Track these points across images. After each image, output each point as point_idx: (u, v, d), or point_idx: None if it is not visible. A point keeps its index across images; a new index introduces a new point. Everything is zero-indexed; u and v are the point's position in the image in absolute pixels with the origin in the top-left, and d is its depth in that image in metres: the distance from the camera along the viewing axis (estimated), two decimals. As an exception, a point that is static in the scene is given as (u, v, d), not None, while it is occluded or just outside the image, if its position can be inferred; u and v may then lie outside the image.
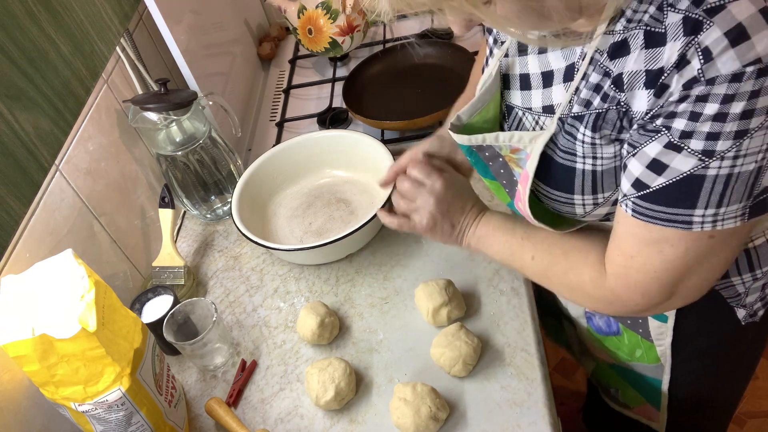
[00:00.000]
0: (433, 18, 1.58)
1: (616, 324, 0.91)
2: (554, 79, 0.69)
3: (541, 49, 0.70)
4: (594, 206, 0.70)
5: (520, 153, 0.73)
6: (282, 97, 1.50)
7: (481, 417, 0.83)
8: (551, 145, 0.69)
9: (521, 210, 0.77)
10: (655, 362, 0.90)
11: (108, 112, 1.10)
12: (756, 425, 1.65)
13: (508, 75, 0.76)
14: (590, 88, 0.63)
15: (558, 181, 0.70)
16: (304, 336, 0.95)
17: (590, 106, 0.63)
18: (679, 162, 0.56)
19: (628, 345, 0.92)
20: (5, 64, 0.61)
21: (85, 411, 0.76)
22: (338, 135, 1.21)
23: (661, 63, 0.55)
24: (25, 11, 0.65)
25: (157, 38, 1.24)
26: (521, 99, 0.75)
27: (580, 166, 0.67)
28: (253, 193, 1.17)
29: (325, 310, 0.95)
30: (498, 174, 0.79)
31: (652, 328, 0.85)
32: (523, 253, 0.77)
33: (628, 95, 0.59)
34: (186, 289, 1.09)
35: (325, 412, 0.88)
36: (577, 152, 0.66)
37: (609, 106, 0.61)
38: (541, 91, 0.71)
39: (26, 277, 0.76)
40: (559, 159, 0.69)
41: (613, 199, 0.69)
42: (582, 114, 0.64)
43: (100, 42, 0.76)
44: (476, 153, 0.78)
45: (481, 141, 0.75)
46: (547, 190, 0.72)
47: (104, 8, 0.78)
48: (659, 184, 0.58)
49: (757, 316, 0.83)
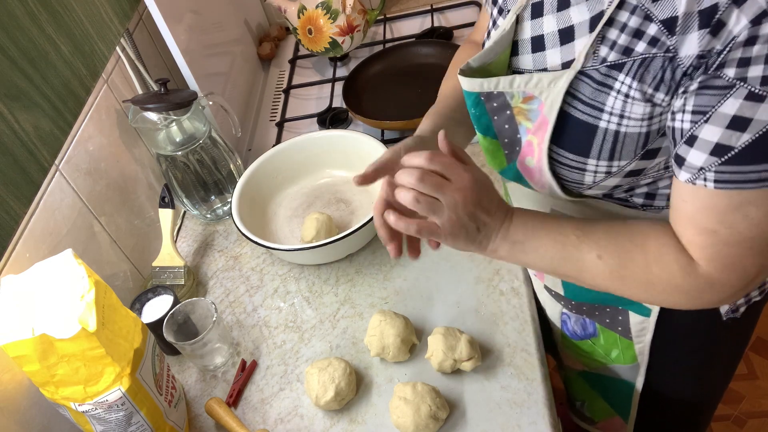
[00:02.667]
0: (433, 18, 1.58)
1: (593, 325, 0.91)
2: (576, 33, 0.65)
3: (561, 6, 0.66)
4: (606, 176, 0.66)
5: (532, 102, 0.68)
6: (282, 97, 1.50)
7: (481, 417, 0.83)
8: (571, 100, 0.65)
9: (528, 168, 0.72)
10: (631, 362, 0.90)
11: (108, 112, 1.10)
12: (756, 425, 1.65)
13: (516, 41, 0.73)
14: (629, 34, 0.59)
15: (573, 142, 0.66)
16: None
17: (632, 52, 0.60)
18: (764, 111, 0.52)
19: (604, 346, 0.91)
20: (5, 64, 0.61)
21: (85, 411, 0.76)
22: (338, 135, 1.21)
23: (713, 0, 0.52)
24: (25, 11, 0.65)
25: (157, 38, 1.24)
26: (533, 61, 0.71)
27: (604, 123, 0.63)
28: (253, 193, 1.17)
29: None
30: (501, 130, 0.74)
31: (633, 324, 0.84)
32: (582, 254, 0.67)
33: (679, 39, 0.55)
34: (186, 289, 1.09)
35: (325, 412, 0.88)
36: (606, 106, 0.63)
37: (657, 52, 0.58)
38: (560, 49, 0.68)
39: (26, 277, 0.76)
40: (579, 114, 0.65)
41: (627, 170, 0.66)
42: (622, 61, 0.61)
43: (100, 42, 0.76)
44: (483, 104, 0.73)
45: (495, 86, 0.70)
46: (558, 151, 0.68)
47: (104, 8, 0.78)
48: (745, 141, 0.54)
49: (739, 312, 0.82)
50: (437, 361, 0.86)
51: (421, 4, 1.66)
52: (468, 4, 1.60)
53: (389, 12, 1.67)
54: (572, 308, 0.93)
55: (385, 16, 1.65)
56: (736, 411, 1.68)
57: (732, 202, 0.57)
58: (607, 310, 0.88)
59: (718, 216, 0.59)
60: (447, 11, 1.61)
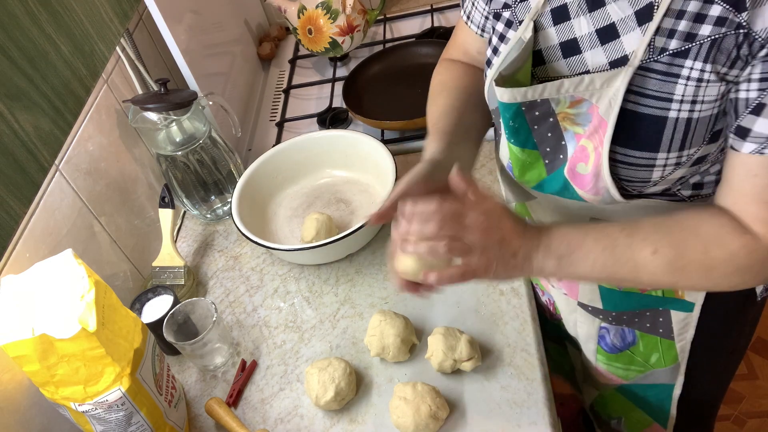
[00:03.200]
0: (433, 18, 1.58)
1: (632, 333, 0.90)
2: (620, 29, 0.64)
3: (593, 7, 0.65)
4: (675, 167, 0.65)
5: (581, 106, 0.67)
6: (282, 97, 1.50)
7: (481, 417, 0.83)
8: (632, 96, 0.63)
9: (579, 175, 0.70)
10: (672, 363, 0.90)
11: (108, 112, 1.10)
12: (756, 425, 1.65)
13: (539, 50, 0.71)
14: (690, 19, 0.59)
15: (640, 138, 0.64)
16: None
17: (695, 38, 0.59)
18: None
19: (644, 353, 0.91)
20: (5, 64, 0.61)
21: (85, 411, 0.76)
22: (338, 135, 1.21)
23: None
24: (25, 11, 0.65)
25: (157, 38, 1.24)
26: (568, 66, 0.69)
27: (674, 114, 0.62)
28: (253, 193, 1.17)
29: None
30: (542, 140, 0.72)
31: (675, 322, 0.84)
32: (634, 253, 0.64)
33: (751, 14, 0.55)
34: (186, 289, 1.09)
35: (325, 412, 0.88)
36: (675, 96, 0.61)
37: (726, 31, 0.57)
38: (601, 49, 0.66)
39: (26, 277, 0.76)
40: (644, 110, 0.63)
41: (695, 158, 0.65)
42: (686, 48, 0.60)
43: (100, 42, 0.76)
44: (523, 114, 0.70)
45: (540, 92, 0.67)
46: (623, 151, 0.66)
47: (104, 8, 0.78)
48: None
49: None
50: (437, 361, 0.86)
51: (421, 4, 1.66)
52: (468, 4, 1.60)
53: (389, 12, 1.67)
54: (612, 320, 0.91)
55: (385, 16, 1.65)
56: (736, 411, 1.68)
57: None
58: (647, 314, 0.87)
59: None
60: (447, 11, 1.61)
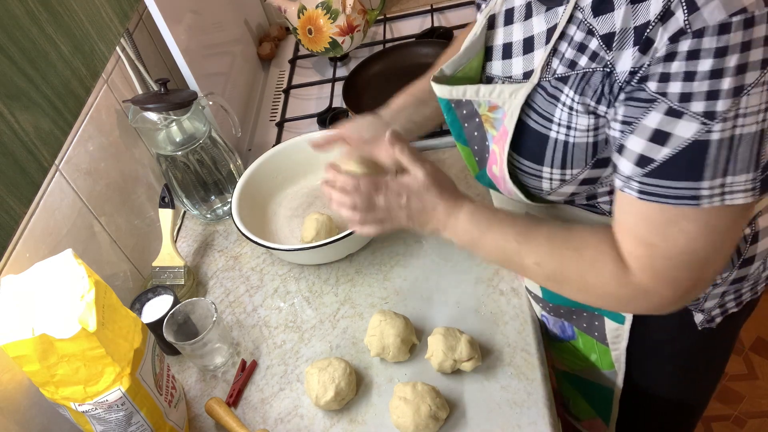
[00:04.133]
0: (433, 18, 1.58)
1: (571, 328, 0.91)
2: (535, 43, 0.68)
3: (527, 15, 0.69)
4: (561, 183, 0.69)
5: (497, 112, 0.71)
6: (282, 97, 1.50)
7: (481, 417, 0.83)
8: (528, 110, 0.67)
9: (495, 175, 0.75)
10: (609, 368, 0.90)
11: (108, 112, 1.10)
12: (756, 425, 1.65)
13: (491, 47, 0.75)
14: (574, 48, 0.61)
15: (530, 150, 0.69)
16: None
17: (576, 66, 0.61)
18: (682, 128, 0.54)
19: (584, 349, 0.92)
20: (5, 64, 0.61)
21: (85, 411, 0.76)
22: (338, 135, 1.21)
23: (647, 16, 0.53)
24: (25, 11, 0.65)
25: (157, 38, 1.24)
26: (502, 68, 0.73)
27: (554, 134, 0.65)
28: (253, 193, 1.17)
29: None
30: (471, 137, 0.77)
31: (609, 330, 0.85)
32: (521, 259, 0.71)
33: (615, 55, 0.57)
34: (186, 289, 1.09)
35: (325, 412, 0.88)
36: (554, 117, 0.65)
37: (596, 66, 0.59)
38: (522, 58, 0.70)
39: (26, 277, 0.76)
40: (533, 124, 0.67)
41: (581, 179, 0.68)
42: (567, 75, 0.62)
43: (100, 42, 0.76)
44: (454, 110, 0.76)
45: (462, 94, 0.73)
46: (517, 159, 0.71)
47: (104, 8, 0.78)
48: (665, 155, 0.56)
49: (714, 322, 0.82)
50: (437, 361, 0.86)
51: (421, 4, 1.66)
52: (468, 4, 1.60)
53: (389, 12, 1.67)
54: (550, 310, 0.93)
55: (385, 16, 1.65)
56: (736, 411, 1.68)
57: (666, 216, 0.59)
58: (584, 315, 0.88)
59: (656, 228, 0.60)
60: (447, 11, 1.61)
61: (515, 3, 0.71)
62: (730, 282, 0.77)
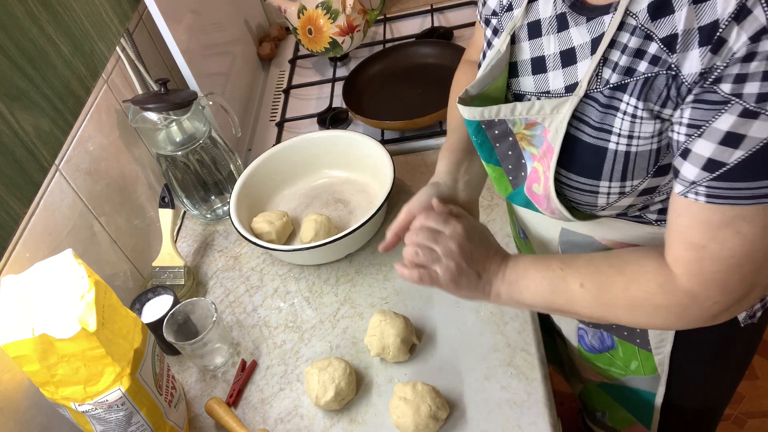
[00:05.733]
0: (433, 18, 1.58)
1: (611, 338, 0.90)
2: (578, 55, 0.65)
3: (561, 27, 0.66)
4: (619, 196, 0.66)
5: (535, 128, 0.68)
6: (282, 97, 1.50)
7: (481, 417, 0.83)
8: (578, 124, 0.65)
9: (535, 194, 0.72)
10: (651, 373, 0.89)
11: (108, 112, 1.10)
12: (756, 425, 1.65)
13: (515, 63, 0.73)
14: (630, 54, 0.59)
15: (584, 165, 0.66)
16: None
17: (634, 72, 0.59)
18: (758, 129, 0.52)
19: (623, 358, 0.91)
20: (5, 64, 0.61)
21: (85, 411, 0.76)
22: (336, 135, 1.21)
23: (714, 15, 0.51)
24: (25, 11, 0.65)
25: (157, 38, 1.24)
26: (534, 84, 0.71)
27: (613, 146, 0.63)
28: (252, 194, 1.17)
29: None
30: (504, 157, 0.74)
31: (652, 335, 0.84)
32: (567, 285, 0.68)
33: (680, 57, 0.55)
34: (186, 289, 1.09)
35: (325, 412, 0.88)
36: (614, 128, 0.62)
37: (659, 70, 0.57)
38: (562, 72, 0.67)
39: (26, 277, 0.76)
40: (588, 138, 0.64)
41: (641, 189, 0.65)
42: (625, 82, 0.60)
43: (100, 42, 0.76)
44: (484, 131, 0.73)
45: (496, 113, 0.70)
46: (568, 176, 0.67)
47: (104, 8, 0.78)
48: (737, 158, 0.54)
49: (756, 317, 0.82)
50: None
51: (421, 4, 1.66)
52: (468, 4, 1.60)
53: (389, 12, 1.67)
54: (589, 323, 0.91)
55: (385, 16, 1.65)
56: (736, 411, 1.68)
57: (725, 217, 0.57)
58: None
59: (711, 231, 0.58)
60: (447, 11, 1.61)
61: (541, 15, 0.69)
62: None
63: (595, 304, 0.68)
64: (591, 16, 0.63)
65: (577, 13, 0.64)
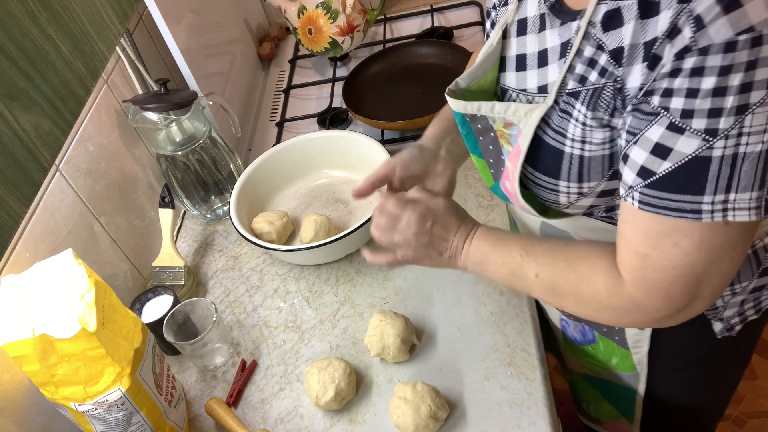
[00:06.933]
0: (433, 18, 1.58)
1: (592, 332, 0.91)
2: (549, 57, 0.67)
3: (541, 28, 0.68)
4: (578, 196, 0.68)
5: (512, 128, 0.70)
6: (282, 97, 1.50)
7: (481, 417, 0.83)
8: (543, 125, 0.67)
9: (508, 190, 0.75)
10: (631, 370, 0.90)
11: (108, 112, 1.10)
12: (756, 425, 1.65)
13: (504, 57, 0.75)
14: (584, 63, 0.61)
15: (545, 165, 0.68)
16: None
17: (586, 81, 0.61)
18: (683, 144, 0.54)
19: (604, 353, 0.91)
20: (5, 64, 0.61)
21: (85, 411, 0.76)
22: (335, 135, 1.21)
23: (654, 33, 0.53)
24: (25, 11, 0.65)
25: (157, 38, 1.24)
26: (516, 80, 0.73)
27: (569, 149, 0.65)
28: (252, 194, 1.17)
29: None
30: (486, 151, 0.76)
31: (629, 335, 0.84)
32: (524, 272, 0.71)
33: (625, 70, 0.57)
34: (186, 289, 1.09)
35: (325, 412, 0.88)
36: (568, 133, 0.64)
37: (606, 82, 0.59)
38: (537, 71, 0.69)
39: (26, 277, 0.76)
40: (549, 140, 0.67)
41: (598, 191, 0.67)
42: (578, 90, 0.62)
43: (100, 42, 0.76)
44: (468, 123, 0.75)
45: (476, 109, 0.72)
46: (533, 173, 0.70)
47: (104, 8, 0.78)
48: (665, 169, 0.56)
49: (734, 330, 0.82)
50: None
51: (421, 4, 1.66)
52: (468, 4, 1.60)
53: (389, 12, 1.67)
54: (569, 315, 0.92)
55: (385, 16, 1.65)
56: (736, 411, 1.68)
57: (663, 228, 0.58)
58: None
59: (651, 240, 0.60)
60: (447, 11, 1.61)
61: (528, 13, 0.70)
62: (750, 291, 0.77)
63: (548, 293, 0.71)
64: (564, 20, 0.65)
65: (554, 15, 0.66)
